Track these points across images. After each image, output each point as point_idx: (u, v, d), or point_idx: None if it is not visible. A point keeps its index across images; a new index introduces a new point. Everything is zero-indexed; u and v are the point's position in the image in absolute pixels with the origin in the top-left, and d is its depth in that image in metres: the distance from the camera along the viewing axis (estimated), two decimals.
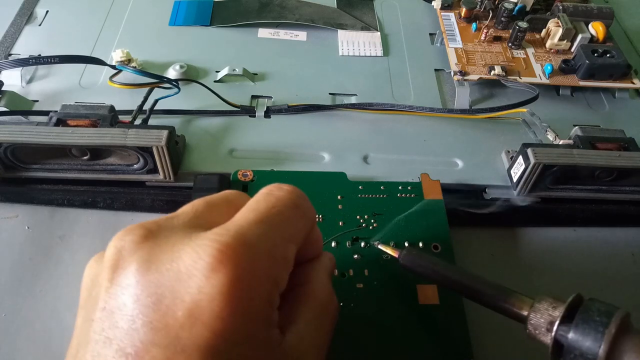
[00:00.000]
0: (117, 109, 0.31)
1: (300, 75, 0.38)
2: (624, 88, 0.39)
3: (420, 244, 0.27)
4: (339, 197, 0.29)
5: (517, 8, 0.41)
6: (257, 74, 0.38)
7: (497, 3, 0.42)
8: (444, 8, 0.43)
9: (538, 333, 0.19)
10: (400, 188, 0.29)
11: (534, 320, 0.19)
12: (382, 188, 0.29)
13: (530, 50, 0.40)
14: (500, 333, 0.25)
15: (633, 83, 0.38)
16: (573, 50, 0.40)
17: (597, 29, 0.39)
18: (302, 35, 0.42)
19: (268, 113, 0.35)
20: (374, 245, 0.26)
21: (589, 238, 0.31)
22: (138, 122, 0.31)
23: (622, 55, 0.37)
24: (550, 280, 0.29)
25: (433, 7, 0.44)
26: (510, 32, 0.40)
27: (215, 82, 0.37)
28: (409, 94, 0.38)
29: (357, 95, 0.37)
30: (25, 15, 0.41)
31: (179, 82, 0.35)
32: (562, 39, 0.39)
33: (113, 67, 0.35)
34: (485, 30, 0.40)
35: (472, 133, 0.35)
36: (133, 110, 0.32)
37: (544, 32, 0.41)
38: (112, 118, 0.29)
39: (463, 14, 0.42)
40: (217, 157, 0.32)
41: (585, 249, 0.30)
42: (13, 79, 0.35)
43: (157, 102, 0.33)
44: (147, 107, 0.32)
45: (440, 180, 0.30)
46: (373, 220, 0.28)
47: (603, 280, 0.29)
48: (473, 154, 0.33)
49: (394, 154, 0.33)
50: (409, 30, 0.44)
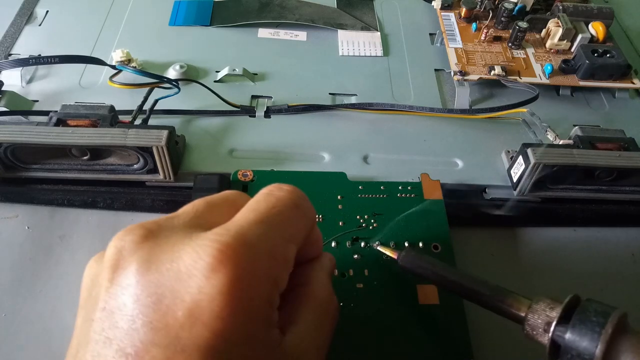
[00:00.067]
0: (117, 109, 0.31)
1: (300, 75, 0.38)
2: (624, 88, 0.39)
3: (420, 244, 0.27)
4: (339, 197, 0.29)
5: (517, 8, 0.41)
6: (257, 74, 0.38)
7: (497, 3, 0.42)
8: (444, 8, 0.43)
9: (535, 334, 0.19)
10: (400, 188, 0.29)
11: (532, 321, 0.19)
12: (382, 188, 0.29)
13: (530, 50, 0.40)
14: (500, 333, 0.25)
15: (633, 83, 0.38)
16: (573, 50, 0.40)
17: (597, 29, 0.39)
18: (302, 35, 0.42)
19: (268, 113, 0.35)
20: (373, 247, 0.26)
21: (589, 238, 0.31)
22: (138, 122, 0.31)
23: (622, 55, 0.37)
24: (550, 280, 0.29)
25: (433, 7, 0.44)
26: (510, 32, 0.40)
27: (215, 82, 0.37)
28: (409, 94, 0.38)
29: (357, 95, 0.37)
30: (25, 15, 0.41)
31: (179, 82, 0.35)
32: (562, 39, 0.39)
33: (113, 67, 0.35)
34: (485, 30, 0.40)
35: (472, 133, 0.35)
36: (133, 110, 0.32)
37: (544, 32, 0.41)
38: (112, 118, 0.29)
39: (463, 14, 0.42)
40: (217, 157, 0.32)
41: (585, 249, 0.30)
42: (13, 79, 0.35)
43: (157, 102, 0.33)
44: (147, 107, 0.32)
45: (440, 180, 0.30)
46: (373, 220, 0.28)
47: (603, 280, 0.29)
48: (473, 154, 0.33)
49: (394, 154, 0.33)
50: (409, 30, 0.44)
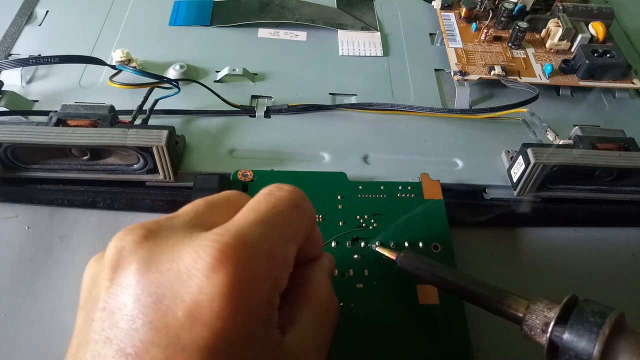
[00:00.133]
0: (117, 109, 0.31)
1: (300, 75, 0.38)
2: (624, 88, 0.39)
3: (421, 244, 0.27)
4: (339, 197, 0.29)
5: (517, 8, 0.41)
6: (257, 74, 0.38)
7: (497, 3, 0.42)
8: (444, 8, 0.43)
9: (533, 334, 0.19)
10: (400, 188, 0.29)
11: (530, 322, 0.19)
12: (382, 188, 0.29)
13: (530, 50, 0.40)
14: (500, 333, 0.25)
15: (633, 83, 0.38)
16: (573, 50, 0.40)
17: (597, 29, 0.39)
18: (302, 35, 0.42)
19: (268, 113, 0.35)
20: (372, 248, 0.26)
21: (589, 238, 0.31)
22: (138, 122, 0.31)
23: (622, 55, 0.37)
24: (550, 280, 0.29)
25: (433, 7, 0.44)
26: (510, 32, 0.40)
27: (215, 82, 0.37)
28: (409, 94, 0.38)
29: (357, 95, 0.37)
30: (25, 15, 0.41)
31: (179, 82, 0.35)
32: (562, 39, 0.39)
33: (113, 67, 0.35)
34: (485, 30, 0.40)
35: (472, 133, 0.35)
36: (133, 110, 0.32)
37: (544, 32, 0.41)
38: (112, 118, 0.29)
39: (463, 14, 0.42)
40: (217, 157, 0.32)
41: (585, 249, 0.30)
42: (13, 79, 0.35)
43: (157, 102, 0.33)
44: (147, 107, 0.32)
45: (440, 180, 0.30)
46: (373, 220, 0.28)
47: (603, 280, 0.29)
48: (473, 154, 0.33)
49: (394, 154, 0.33)
50: (409, 30, 0.44)
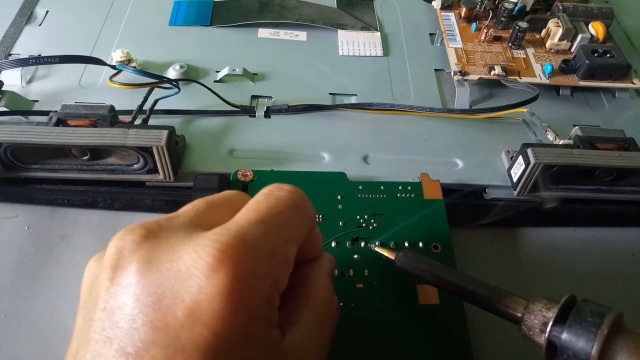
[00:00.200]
0: (117, 109, 0.31)
1: (300, 75, 0.38)
2: (624, 88, 0.39)
3: (421, 244, 0.27)
4: (339, 197, 0.29)
5: (517, 8, 0.41)
6: (257, 74, 0.38)
7: (497, 3, 0.42)
8: (444, 8, 0.43)
9: (532, 334, 0.19)
10: (400, 188, 0.29)
11: (528, 321, 0.19)
12: (382, 188, 0.29)
13: (530, 50, 0.40)
14: (500, 333, 0.25)
15: (633, 83, 0.38)
16: (573, 50, 0.40)
17: (597, 29, 0.39)
18: (302, 35, 0.42)
19: (268, 113, 0.35)
20: (371, 248, 0.26)
21: (589, 238, 0.31)
22: (138, 122, 0.31)
23: (622, 55, 0.37)
24: (550, 280, 0.29)
25: (433, 7, 0.44)
26: (510, 32, 0.40)
27: (215, 82, 0.37)
28: (409, 94, 0.38)
29: (357, 95, 0.37)
30: (25, 15, 0.41)
31: (179, 82, 0.35)
32: (562, 39, 0.39)
33: (113, 67, 0.35)
34: (485, 30, 0.40)
35: (472, 133, 0.35)
36: (133, 110, 0.32)
37: (544, 32, 0.41)
38: (112, 118, 0.29)
39: (463, 14, 0.42)
40: (217, 157, 0.32)
41: (585, 249, 0.30)
42: (13, 79, 0.35)
43: (157, 102, 0.33)
44: (147, 107, 0.32)
45: (440, 180, 0.30)
46: (373, 220, 0.28)
47: (603, 280, 0.29)
48: (473, 154, 0.33)
49: (394, 154, 0.33)
50: (409, 30, 0.44)
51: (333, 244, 0.27)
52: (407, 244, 0.27)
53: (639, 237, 0.31)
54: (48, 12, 0.42)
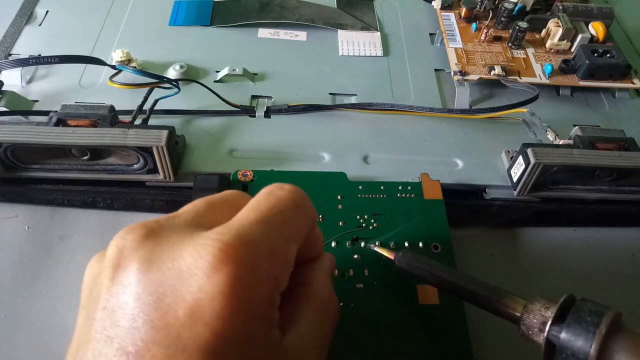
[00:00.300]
0: (117, 109, 0.31)
1: (300, 75, 0.38)
2: (624, 88, 0.39)
3: (421, 244, 0.27)
4: (339, 197, 0.29)
5: (517, 8, 0.41)
6: (257, 74, 0.38)
7: (497, 3, 0.42)
8: (444, 8, 0.43)
9: (531, 333, 0.19)
10: (400, 188, 0.29)
11: (527, 321, 0.19)
12: (382, 188, 0.29)
13: (530, 50, 0.40)
14: (500, 333, 0.25)
15: (633, 83, 0.38)
16: (573, 50, 0.40)
17: (597, 29, 0.39)
18: (302, 35, 0.42)
19: (268, 113, 0.35)
20: (371, 248, 0.26)
21: (589, 238, 0.31)
22: (138, 122, 0.31)
23: (622, 55, 0.38)
24: (550, 280, 0.29)
25: (433, 7, 0.44)
26: (510, 32, 0.40)
27: (215, 82, 0.37)
28: (409, 94, 0.38)
29: (357, 95, 0.37)
30: (25, 15, 0.41)
31: (179, 82, 0.35)
32: (562, 39, 0.39)
33: (113, 67, 0.35)
34: (485, 30, 0.40)
35: (472, 133, 0.35)
36: (133, 110, 0.32)
37: (544, 32, 0.41)
38: (112, 118, 0.29)
39: (463, 14, 0.42)
40: (217, 157, 0.32)
41: (585, 249, 0.30)
42: (13, 79, 0.35)
43: (157, 102, 0.33)
44: (147, 107, 0.32)
45: (440, 180, 0.30)
46: (373, 220, 0.28)
47: (603, 280, 0.29)
48: (473, 154, 0.33)
49: (394, 154, 0.33)
50: (409, 30, 0.44)
51: (333, 244, 0.27)
52: (407, 244, 0.27)
53: (639, 237, 0.31)
54: (48, 12, 0.42)
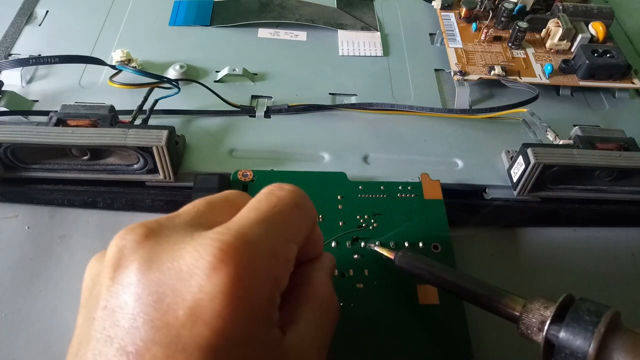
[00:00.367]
0: (117, 109, 0.31)
1: (300, 75, 0.38)
2: (624, 88, 0.39)
3: (421, 244, 0.27)
4: (339, 197, 0.29)
5: (517, 8, 0.41)
6: (257, 74, 0.38)
7: (497, 3, 0.42)
8: (444, 8, 0.43)
9: (530, 333, 0.19)
10: (400, 188, 0.29)
11: (526, 320, 0.19)
12: (382, 188, 0.29)
13: (530, 50, 0.40)
14: (500, 333, 0.25)
15: (633, 83, 0.38)
16: (573, 50, 0.40)
17: (597, 29, 0.39)
18: (302, 35, 0.42)
19: (268, 113, 0.35)
20: (371, 248, 0.26)
21: (589, 238, 0.31)
22: (138, 122, 0.31)
23: (622, 55, 0.38)
24: (550, 280, 0.29)
25: (433, 7, 0.44)
26: (510, 32, 0.40)
27: (215, 82, 0.37)
28: (409, 94, 0.38)
29: (357, 95, 0.37)
30: (25, 15, 0.41)
31: (179, 82, 0.35)
32: (562, 39, 0.39)
33: (113, 67, 0.35)
34: (485, 30, 0.40)
35: (472, 133, 0.35)
36: (133, 110, 0.32)
37: (544, 32, 0.41)
38: (112, 118, 0.29)
39: (463, 14, 0.42)
40: (217, 157, 0.32)
41: (585, 249, 0.30)
42: (13, 79, 0.35)
43: (157, 102, 0.33)
44: (147, 107, 0.32)
45: (440, 180, 0.30)
46: (373, 220, 0.28)
47: (603, 280, 0.29)
48: (473, 154, 0.33)
49: (394, 154, 0.33)
50: (409, 30, 0.44)
51: (333, 244, 0.27)
52: (407, 244, 0.27)
53: (639, 237, 0.31)
54: (48, 12, 0.42)
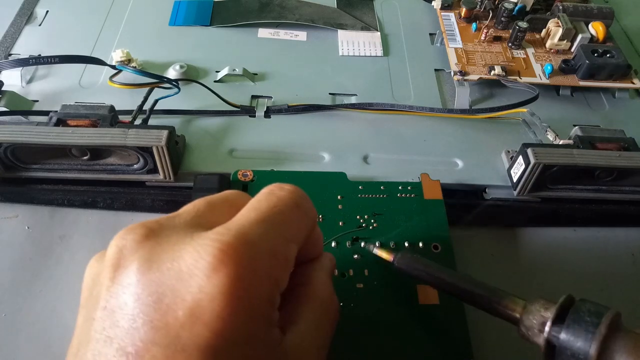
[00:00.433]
0: (117, 109, 0.31)
1: (300, 75, 0.38)
2: (624, 88, 0.39)
3: (421, 244, 0.27)
4: (339, 197, 0.28)
5: (517, 8, 0.41)
6: (257, 74, 0.38)
7: (497, 3, 0.42)
8: (444, 8, 0.43)
9: (530, 334, 0.19)
10: (400, 188, 0.29)
11: (527, 322, 0.19)
12: (382, 188, 0.29)
13: (530, 50, 0.40)
14: (500, 333, 0.25)
15: (633, 83, 0.38)
16: (573, 50, 0.40)
17: (597, 29, 0.39)
18: (302, 35, 0.42)
19: (268, 113, 0.35)
20: (370, 249, 0.26)
21: (589, 238, 0.31)
22: (138, 122, 0.31)
23: (622, 55, 0.38)
24: (550, 280, 0.29)
25: (433, 7, 0.44)
26: (510, 32, 0.40)
27: (215, 82, 0.37)
28: (409, 94, 0.38)
29: (357, 95, 0.37)
30: (25, 15, 0.41)
31: (179, 82, 0.35)
32: (562, 39, 0.39)
33: (113, 67, 0.35)
34: (485, 30, 0.40)
35: (472, 133, 0.35)
36: (133, 110, 0.32)
37: (544, 32, 0.41)
38: (112, 118, 0.29)
39: (463, 14, 0.42)
40: (217, 157, 0.32)
41: (585, 249, 0.30)
42: (13, 79, 0.35)
43: (157, 102, 0.33)
44: (147, 107, 0.32)
45: (440, 180, 0.30)
46: (373, 220, 0.28)
47: (603, 280, 0.29)
48: (473, 154, 0.33)
49: (394, 154, 0.33)
50: (409, 30, 0.44)
51: (333, 244, 0.27)
52: (407, 244, 0.27)
53: (639, 237, 0.31)
54: (48, 12, 0.42)
